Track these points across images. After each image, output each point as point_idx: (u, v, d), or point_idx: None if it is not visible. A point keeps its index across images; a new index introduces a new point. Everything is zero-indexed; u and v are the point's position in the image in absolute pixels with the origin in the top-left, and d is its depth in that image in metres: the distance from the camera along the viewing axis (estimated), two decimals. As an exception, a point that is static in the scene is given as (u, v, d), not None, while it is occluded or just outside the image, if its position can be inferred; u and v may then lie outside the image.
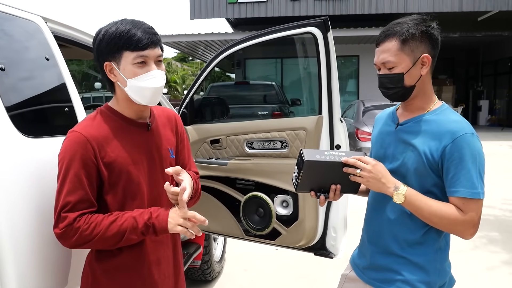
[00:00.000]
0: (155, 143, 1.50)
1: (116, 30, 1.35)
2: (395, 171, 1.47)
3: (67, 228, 1.30)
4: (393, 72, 1.42)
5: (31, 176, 1.44)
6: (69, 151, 1.33)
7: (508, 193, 6.64)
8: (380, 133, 1.62)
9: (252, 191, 2.55)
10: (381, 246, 1.54)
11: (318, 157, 1.42)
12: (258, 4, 14.56)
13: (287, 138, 2.44)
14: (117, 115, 1.44)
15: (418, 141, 1.43)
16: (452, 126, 1.39)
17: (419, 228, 1.46)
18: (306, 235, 2.44)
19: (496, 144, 11.62)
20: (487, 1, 13.70)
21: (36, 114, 1.64)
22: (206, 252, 3.40)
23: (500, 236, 4.75)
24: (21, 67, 1.59)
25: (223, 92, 10.26)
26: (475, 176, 1.36)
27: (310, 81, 13.40)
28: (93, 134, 1.36)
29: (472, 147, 1.36)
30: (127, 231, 1.33)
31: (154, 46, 1.38)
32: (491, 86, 19.40)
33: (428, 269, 1.46)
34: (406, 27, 1.41)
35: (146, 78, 1.37)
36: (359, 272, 1.63)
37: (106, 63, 1.39)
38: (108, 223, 1.33)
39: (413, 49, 1.40)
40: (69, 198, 1.31)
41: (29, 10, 1.70)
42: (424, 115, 1.47)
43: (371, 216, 1.61)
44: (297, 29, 2.31)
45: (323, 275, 3.78)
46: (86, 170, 1.33)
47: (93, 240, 1.32)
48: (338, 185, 1.48)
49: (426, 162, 1.40)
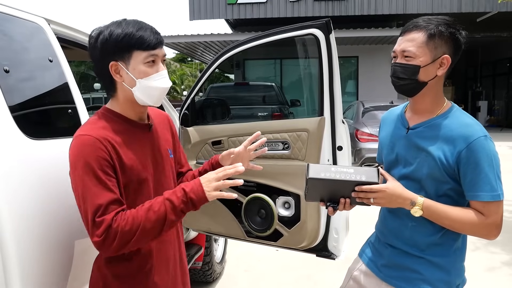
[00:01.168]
0: (156, 144, 1.51)
1: (123, 30, 1.34)
2: (409, 176, 1.47)
3: (107, 232, 1.24)
4: (410, 63, 1.41)
5: (35, 177, 1.44)
6: (83, 155, 1.28)
7: (508, 194, 6.61)
8: (389, 136, 1.60)
9: (254, 192, 2.55)
10: (399, 247, 1.54)
11: (323, 175, 1.40)
12: (257, 5, 14.57)
13: (289, 139, 2.44)
14: (119, 117, 1.42)
15: (432, 146, 1.42)
16: (465, 131, 1.38)
17: (437, 230, 1.46)
18: (308, 236, 2.44)
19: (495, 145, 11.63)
20: (486, 2, 13.74)
21: (39, 116, 1.64)
22: (207, 253, 3.40)
23: (500, 237, 4.67)
24: (24, 69, 1.59)
25: (223, 93, 10.25)
26: (493, 179, 1.35)
27: (310, 82, 13.39)
28: (102, 135, 1.33)
29: (487, 150, 1.36)
30: (167, 214, 1.29)
31: (161, 45, 1.39)
32: (490, 87, 19.44)
33: (448, 269, 1.47)
34: (436, 23, 1.40)
35: (157, 77, 1.38)
36: (375, 269, 1.62)
37: (112, 62, 1.36)
38: (144, 213, 1.28)
39: (436, 47, 1.39)
40: (98, 201, 1.25)
41: (32, 12, 1.70)
42: (435, 119, 1.46)
43: (387, 217, 1.60)
44: (299, 31, 2.31)
45: (325, 276, 3.78)
46: (105, 171, 1.29)
47: (135, 236, 1.26)
48: (348, 199, 1.46)
49: (441, 167, 1.40)
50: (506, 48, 17.03)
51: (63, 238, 1.54)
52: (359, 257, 1.74)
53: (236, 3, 14.57)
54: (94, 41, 1.38)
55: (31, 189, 1.42)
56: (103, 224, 1.24)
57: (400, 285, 1.51)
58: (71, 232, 1.56)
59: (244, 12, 14.71)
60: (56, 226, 1.51)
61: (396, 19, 14.47)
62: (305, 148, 2.38)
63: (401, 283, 1.51)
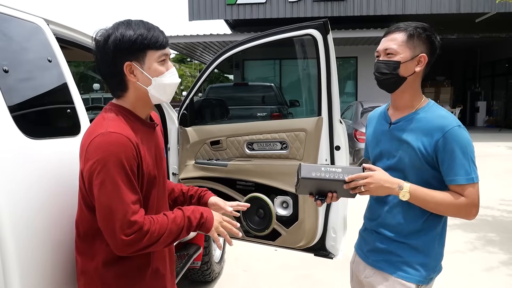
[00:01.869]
0: (159, 143, 1.57)
1: (135, 31, 1.37)
2: (393, 167, 1.61)
3: (138, 233, 1.30)
4: (391, 59, 1.56)
5: (34, 177, 1.45)
6: (116, 152, 1.29)
7: (506, 194, 6.66)
8: (374, 132, 1.75)
9: (252, 192, 2.56)
10: (384, 233, 1.66)
11: (314, 174, 1.51)
12: (256, 5, 14.57)
13: (287, 139, 2.45)
14: (133, 115, 1.46)
15: (411, 138, 1.56)
16: (440, 122, 1.53)
17: (419, 216, 1.59)
18: (306, 235, 2.45)
19: (493, 145, 11.66)
20: (485, 2, 13.75)
21: (39, 116, 1.65)
22: (206, 253, 3.40)
23: (498, 237, 4.77)
24: (23, 69, 1.60)
25: (222, 93, 10.26)
26: (467, 164, 1.49)
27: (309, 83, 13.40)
28: (131, 134, 1.36)
29: (460, 138, 1.50)
30: (184, 229, 1.42)
31: (168, 45, 1.47)
32: (488, 87, 19.46)
33: (427, 253, 1.61)
34: (415, 26, 1.57)
35: (169, 74, 1.45)
36: (362, 255, 1.76)
37: (127, 63, 1.39)
38: (170, 224, 1.39)
39: (415, 46, 1.56)
40: (130, 201, 1.30)
41: (31, 12, 1.71)
42: (414, 113, 1.60)
43: (373, 205, 1.73)
44: (297, 31, 2.33)
45: (323, 275, 3.79)
46: (133, 172, 1.33)
47: (157, 242, 1.36)
48: (335, 193, 1.60)
49: (421, 156, 1.53)
50: (505, 48, 17.05)
51: (63, 238, 1.55)
52: (354, 249, 1.87)
53: (235, 3, 14.58)
54: (104, 43, 1.39)
55: (30, 188, 1.42)
56: (136, 225, 1.30)
57: (382, 267, 1.64)
58: (71, 231, 1.57)
59: (243, 12, 14.72)
60: (56, 226, 1.52)
61: (395, 19, 14.39)
62: (303, 148, 2.40)
63: (383, 266, 1.64)
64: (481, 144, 11.90)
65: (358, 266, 1.78)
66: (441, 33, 15.01)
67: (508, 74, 17.88)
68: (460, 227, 5.09)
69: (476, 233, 4.89)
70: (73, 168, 1.62)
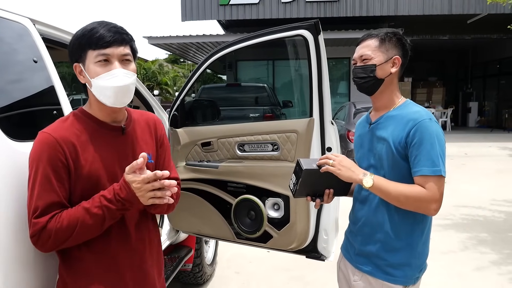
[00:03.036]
0: (131, 147, 1.47)
1: (82, 30, 1.35)
2: (374, 165, 1.66)
3: (39, 234, 1.28)
4: (367, 64, 1.64)
5: (17, 180, 1.41)
6: (38, 152, 1.31)
7: (497, 194, 6.70)
8: (359, 136, 1.83)
9: (244, 193, 2.54)
10: (367, 233, 1.69)
11: (315, 166, 1.58)
12: (249, 6, 14.55)
13: (278, 140, 2.43)
14: (90, 117, 1.42)
15: (387, 134, 1.62)
16: (412, 116, 1.57)
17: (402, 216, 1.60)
18: (297, 237, 2.44)
19: (485, 146, 11.73)
20: (476, 4, 13.85)
21: (23, 117, 1.61)
22: (197, 255, 3.38)
23: (489, 237, 4.79)
24: (8, 70, 1.57)
25: (215, 94, 10.23)
26: (435, 156, 1.50)
27: (302, 83, 13.41)
28: (63, 135, 1.33)
29: (430, 130, 1.52)
30: (105, 219, 1.32)
31: (118, 44, 1.35)
32: (480, 88, 19.59)
33: (411, 253, 1.62)
34: (386, 31, 1.66)
35: (107, 77, 1.34)
36: (349, 258, 1.78)
37: (75, 64, 1.39)
38: (81, 215, 1.30)
39: (388, 49, 1.64)
40: (38, 202, 1.28)
41: (17, 12, 1.68)
42: (391, 111, 1.67)
43: (357, 207, 1.77)
44: (288, 32, 2.31)
45: (316, 277, 3.78)
46: (55, 172, 1.30)
47: (71, 236, 1.29)
48: (332, 189, 1.67)
49: (395, 151, 1.57)
50: (496, 49, 17.19)
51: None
52: (341, 251, 1.90)
53: (228, 4, 14.55)
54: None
55: (13, 191, 1.39)
56: (36, 226, 1.28)
57: (369, 271, 1.66)
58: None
59: (236, 13, 14.70)
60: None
61: (388, 20, 14.52)
62: (295, 150, 2.38)
63: (369, 269, 1.66)
64: (473, 144, 11.98)
65: (346, 268, 1.80)
66: (432, 35, 15.11)
67: (499, 75, 18.02)
68: (453, 227, 5.11)
69: (468, 233, 4.91)
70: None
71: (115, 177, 1.39)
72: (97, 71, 1.34)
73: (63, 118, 1.42)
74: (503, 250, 4.39)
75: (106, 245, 1.41)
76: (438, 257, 4.11)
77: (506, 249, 4.42)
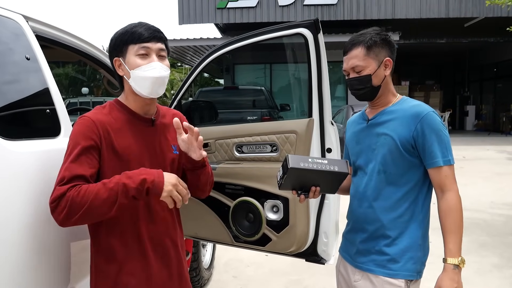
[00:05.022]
0: (158, 138, 1.60)
1: (123, 29, 1.52)
2: (373, 159, 1.66)
3: (59, 200, 1.32)
4: (362, 74, 1.63)
5: (9, 180, 1.38)
6: (76, 132, 1.43)
7: (496, 197, 6.68)
8: (353, 132, 1.82)
9: (242, 196, 2.49)
10: (367, 231, 1.67)
11: (302, 165, 1.55)
12: (247, 9, 14.57)
13: (277, 141, 2.39)
14: (124, 107, 1.56)
15: (389, 129, 1.62)
16: (415, 109, 1.60)
17: (399, 207, 1.61)
18: (297, 240, 2.39)
19: (483, 149, 11.74)
20: (473, 7, 13.91)
21: (15, 116, 1.56)
22: (194, 259, 3.33)
23: (489, 240, 4.76)
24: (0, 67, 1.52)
25: (212, 97, 10.20)
26: (444, 147, 1.56)
27: (300, 87, 13.41)
28: (100, 119, 1.47)
29: (436, 122, 1.57)
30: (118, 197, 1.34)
31: (156, 40, 1.51)
32: (477, 91, 19.67)
33: (414, 246, 1.61)
34: (369, 36, 1.63)
35: (147, 68, 1.48)
36: (349, 259, 1.76)
37: (115, 58, 1.53)
38: (97, 189, 1.34)
39: (377, 54, 1.63)
40: (65, 173, 1.36)
41: (10, 8, 1.63)
42: (389, 107, 1.68)
43: (354, 204, 1.75)
44: (287, 30, 2.27)
45: (315, 281, 3.73)
46: (87, 150, 1.40)
47: (83, 209, 1.32)
48: (318, 187, 1.65)
49: (400, 144, 1.58)
50: (493, 53, 17.26)
51: (39, 241, 1.48)
52: (339, 254, 1.87)
53: (225, 7, 14.56)
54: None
55: (5, 191, 1.35)
56: (57, 192, 1.33)
57: (370, 268, 1.64)
58: (48, 234, 1.51)
59: (233, 16, 14.70)
60: (31, 229, 1.44)
61: (385, 24, 14.56)
62: (294, 150, 2.34)
63: (370, 267, 1.64)
64: (471, 147, 11.99)
65: (346, 270, 1.78)
66: (429, 38, 15.15)
67: (496, 78, 18.10)
68: (452, 231, 5.07)
69: (468, 237, 4.87)
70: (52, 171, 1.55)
71: (142, 164, 1.50)
72: (137, 62, 1.48)
73: (101, 106, 1.56)
74: (504, 253, 4.35)
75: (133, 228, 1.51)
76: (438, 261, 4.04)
77: (506, 252, 4.38)
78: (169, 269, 1.60)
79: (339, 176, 1.62)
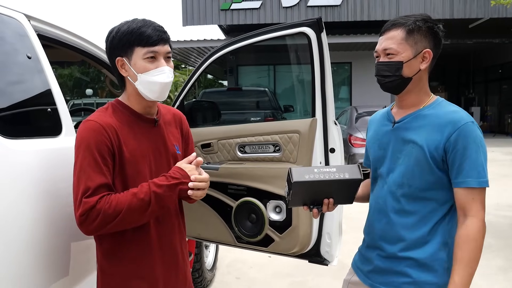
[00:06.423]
0: (162, 138, 1.58)
1: (128, 27, 1.44)
2: (395, 169, 1.46)
3: (88, 213, 1.31)
4: (392, 60, 1.42)
5: (10, 178, 1.37)
6: (85, 138, 1.39)
7: (501, 199, 6.63)
8: (376, 134, 1.59)
9: (244, 196, 2.48)
10: (385, 248, 1.49)
11: (307, 177, 1.40)
12: (250, 11, 14.56)
13: (280, 141, 2.37)
14: (127, 108, 1.52)
15: (418, 136, 1.41)
16: (452, 117, 1.38)
17: (423, 226, 1.43)
18: (300, 241, 2.37)
19: (488, 151, 11.55)
20: (478, 8, 13.84)
21: (16, 115, 1.56)
22: (197, 260, 3.32)
23: (494, 242, 4.71)
24: (1, 66, 1.51)
25: (215, 98, 10.19)
26: (480, 165, 1.35)
27: (303, 88, 13.38)
28: (107, 121, 1.43)
29: (474, 135, 1.36)
30: (151, 204, 1.38)
31: (164, 43, 1.47)
32: (482, 93, 19.58)
33: (437, 269, 1.42)
34: (414, 19, 1.42)
35: (156, 73, 1.45)
36: (363, 276, 1.59)
37: (118, 58, 1.47)
38: (128, 199, 1.36)
39: (416, 42, 1.41)
40: (89, 183, 1.34)
41: (11, 7, 1.63)
42: (421, 110, 1.46)
43: (374, 218, 1.56)
44: (290, 29, 2.26)
45: (318, 283, 3.71)
46: (102, 156, 1.38)
47: (116, 220, 1.34)
48: (331, 198, 1.48)
49: (429, 156, 1.38)
50: (498, 54, 17.17)
51: (40, 240, 1.47)
52: (351, 267, 1.70)
53: (229, 9, 14.56)
54: (106, 39, 1.50)
55: (5, 189, 1.34)
56: (87, 205, 1.31)
57: None
58: (47, 232, 1.50)
59: (237, 18, 14.70)
60: (31, 227, 1.44)
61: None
62: (297, 151, 2.32)
63: None
64: (476, 149, 11.90)
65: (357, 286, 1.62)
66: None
67: (501, 79, 18.00)
68: (457, 233, 5.03)
69: (473, 239, 4.83)
70: (53, 170, 1.54)
71: (149, 165, 1.51)
72: (146, 67, 1.44)
73: (103, 109, 1.51)
74: (509, 256, 4.31)
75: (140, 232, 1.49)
76: None
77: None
78: (176, 270, 1.59)
79: (352, 184, 1.44)
